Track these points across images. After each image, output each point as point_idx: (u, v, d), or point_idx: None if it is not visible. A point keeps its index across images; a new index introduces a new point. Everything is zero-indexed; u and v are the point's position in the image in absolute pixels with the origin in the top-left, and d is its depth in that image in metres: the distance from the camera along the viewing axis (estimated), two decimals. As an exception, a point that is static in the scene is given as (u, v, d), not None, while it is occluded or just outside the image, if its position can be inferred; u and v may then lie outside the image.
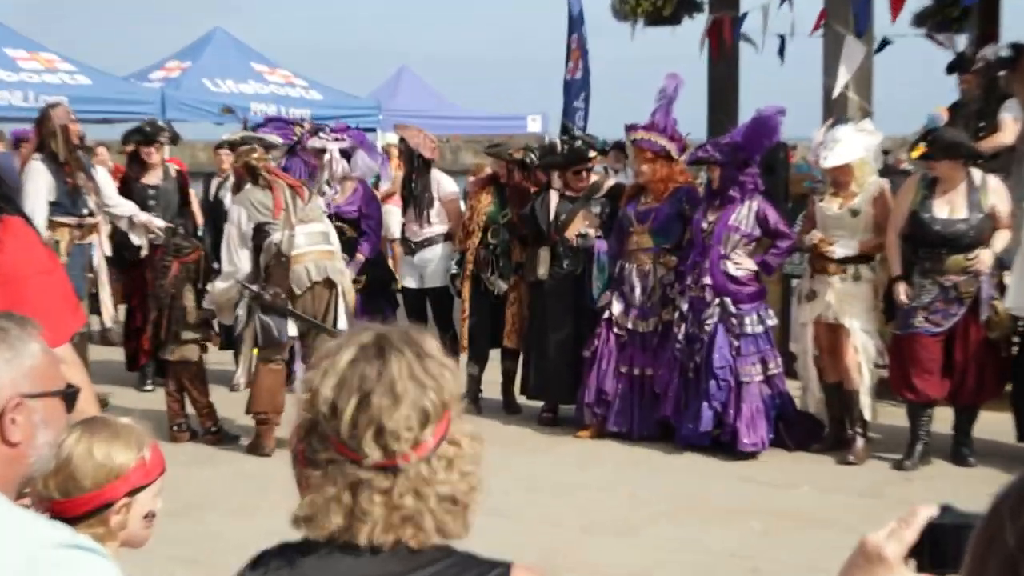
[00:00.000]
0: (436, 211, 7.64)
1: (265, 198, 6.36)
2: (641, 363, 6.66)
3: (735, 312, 6.24)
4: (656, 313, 6.63)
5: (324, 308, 6.41)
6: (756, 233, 6.34)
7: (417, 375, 1.40)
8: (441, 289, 7.67)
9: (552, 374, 7.05)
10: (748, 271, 6.32)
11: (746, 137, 6.24)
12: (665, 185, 6.68)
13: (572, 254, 6.99)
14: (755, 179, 6.33)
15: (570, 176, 7.09)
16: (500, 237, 7.35)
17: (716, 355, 6.21)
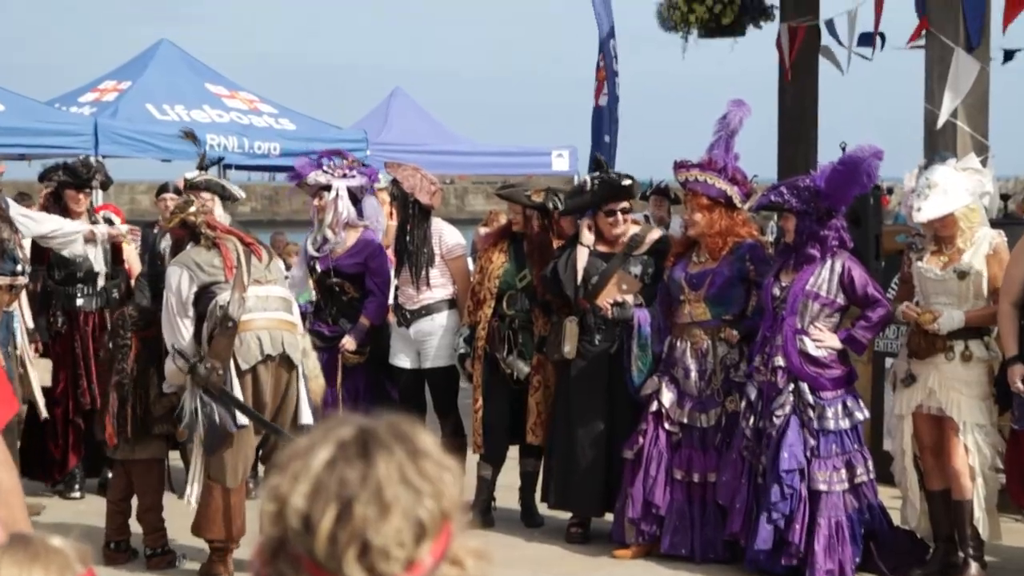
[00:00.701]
0: (437, 271, 7.71)
1: (212, 257, 6.46)
2: (701, 467, 6.70)
3: (813, 402, 6.28)
4: (718, 403, 6.69)
5: (280, 396, 6.44)
6: (840, 301, 6.37)
7: (410, 478, 1.42)
8: (444, 370, 7.72)
9: (581, 479, 7.10)
10: (831, 349, 6.36)
11: (831, 183, 6.27)
12: (723, 240, 6.75)
13: (606, 327, 7.05)
14: (840, 233, 6.35)
15: (602, 220, 7.14)
16: (518, 306, 7.44)
17: (784, 454, 6.22)
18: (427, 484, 1.43)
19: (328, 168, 7.85)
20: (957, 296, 6.34)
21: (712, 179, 6.73)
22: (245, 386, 6.34)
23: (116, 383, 6.70)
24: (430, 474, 1.44)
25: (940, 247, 6.39)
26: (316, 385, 6.60)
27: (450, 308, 7.73)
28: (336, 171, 7.84)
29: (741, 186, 6.79)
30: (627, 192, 7.18)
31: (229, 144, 12.54)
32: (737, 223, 6.78)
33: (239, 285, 6.33)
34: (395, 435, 1.46)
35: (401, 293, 7.83)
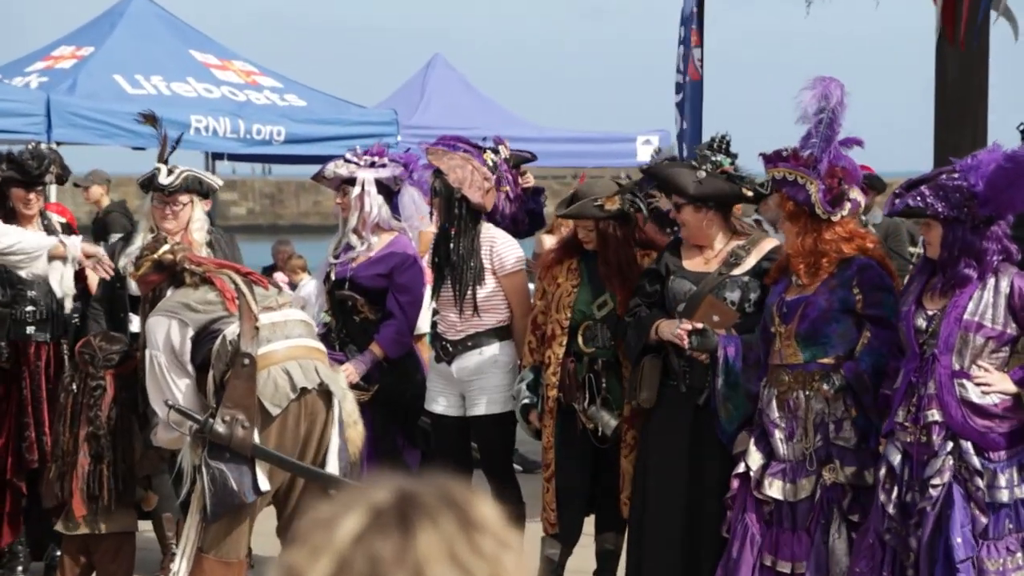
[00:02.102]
0: (489, 292, 7.74)
1: (204, 293, 6.52)
2: (788, 554, 6.62)
3: (980, 466, 6.21)
4: (810, 472, 6.59)
5: (320, 436, 6.50)
6: (1012, 331, 6.29)
7: (461, 558, 1.45)
8: (496, 419, 7.76)
9: (655, 562, 7.11)
10: (1003, 395, 6.31)
11: (993, 184, 6.17)
12: (816, 259, 6.63)
13: (693, 370, 7.00)
14: (1004, 244, 6.29)
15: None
16: (599, 341, 7.43)
17: (957, 539, 6.12)
18: (483, 565, 1.47)
19: (352, 156, 7.92)
20: None
21: (801, 178, 6.64)
22: (269, 436, 6.39)
23: (88, 435, 6.75)
24: (487, 552, 1.47)
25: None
26: (355, 434, 6.62)
27: (503, 339, 7.78)
28: (362, 159, 7.90)
29: (839, 186, 6.58)
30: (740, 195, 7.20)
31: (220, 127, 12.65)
32: (835, 236, 6.61)
33: (247, 314, 6.39)
34: (444, 501, 1.50)
35: (441, 320, 7.88)
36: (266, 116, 13.00)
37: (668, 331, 6.95)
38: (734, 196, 7.16)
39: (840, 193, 6.59)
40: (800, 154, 6.60)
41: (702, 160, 7.18)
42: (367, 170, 7.89)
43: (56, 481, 6.82)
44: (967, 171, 6.22)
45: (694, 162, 7.24)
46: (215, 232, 8.13)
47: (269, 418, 6.40)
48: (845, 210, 6.60)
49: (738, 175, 7.13)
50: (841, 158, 6.64)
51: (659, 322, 7.00)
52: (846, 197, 6.60)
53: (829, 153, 6.58)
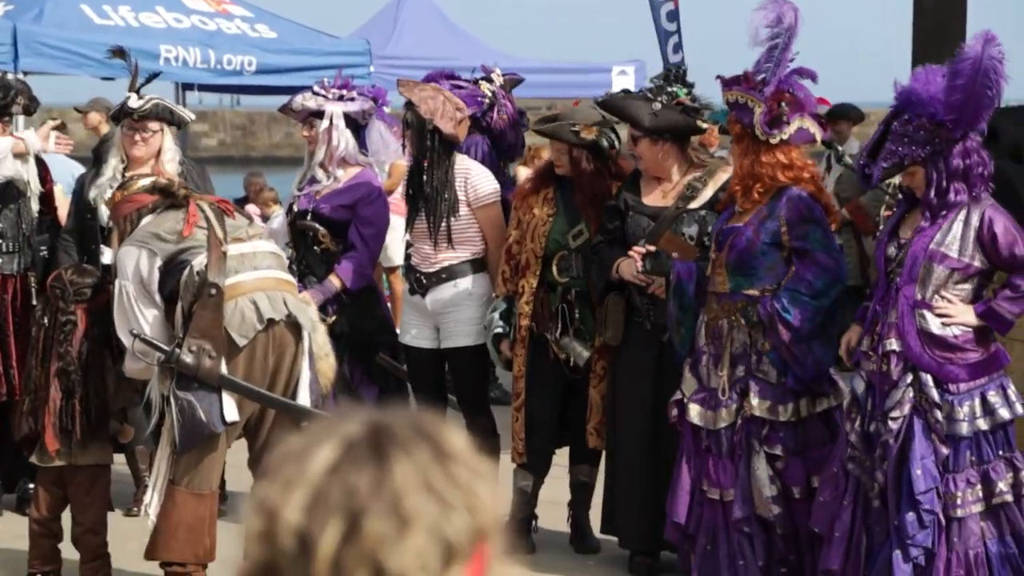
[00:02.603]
0: (463, 223, 7.75)
1: (174, 223, 6.51)
2: (717, 481, 6.71)
3: (939, 398, 6.22)
4: (734, 401, 6.64)
5: (272, 373, 6.51)
6: (978, 264, 6.28)
7: (436, 486, 1.45)
8: (471, 351, 7.79)
9: (625, 500, 7.15)
10: (964, 327, 6.29)
11: (955, 104, 6.16)
12: (752, 182, 6.61)
13: (656, 308, 7.07)
14: (981, 156, 6.25)
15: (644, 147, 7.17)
16: (573, 271, 7.49)
17: (917, 471, 6.14)
18: (458, 494, 1.47)
19: (320, 89, 7.88)
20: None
21: (751, 101, 6.57)
22: (236, 367, 6.41)
23: (59, 371, 6.72)
24: (461, 481, 1.48)
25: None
26: (326, 366, 6.65)
27: (477, 271, 7.81)
28: (330, 92, 7.86)
29: (770, 112, 6.53)
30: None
31: (190, 58, 12.59)
32: (773, 161, 6.58)
33: (215, 243, 6.38)
34: (417, 432, 1.50)
35: (415, 252, 7.89)
36: (237, 46, 12.93)
37: (628, 272, 6.98)
38: (689, 128, 7.16)
39: (778, 115, 6.57)
40: (753, 78, 6.59)
41: (658, 91, 7.18)
42: (336, 103, 7.88)
43: (28, 415, 6.81)
44: (912, 106, 6.18)
45: (649, 93, 7.22)
46: (186, 163, 8.09)
47: (236, 349, 6.42)
48: (785, 134, 6.58)
49: (694, 106, 7.11)
50: (792, 85, 6.62)
51: (619, 261, 7.01)
52: (784, 119, 6.57)
53: (778, 77, 6.56)
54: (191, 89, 15.68)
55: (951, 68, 6.17)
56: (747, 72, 6.63)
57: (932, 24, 10.23)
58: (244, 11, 13.69)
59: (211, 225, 6.47)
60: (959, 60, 6.15)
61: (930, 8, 10.28)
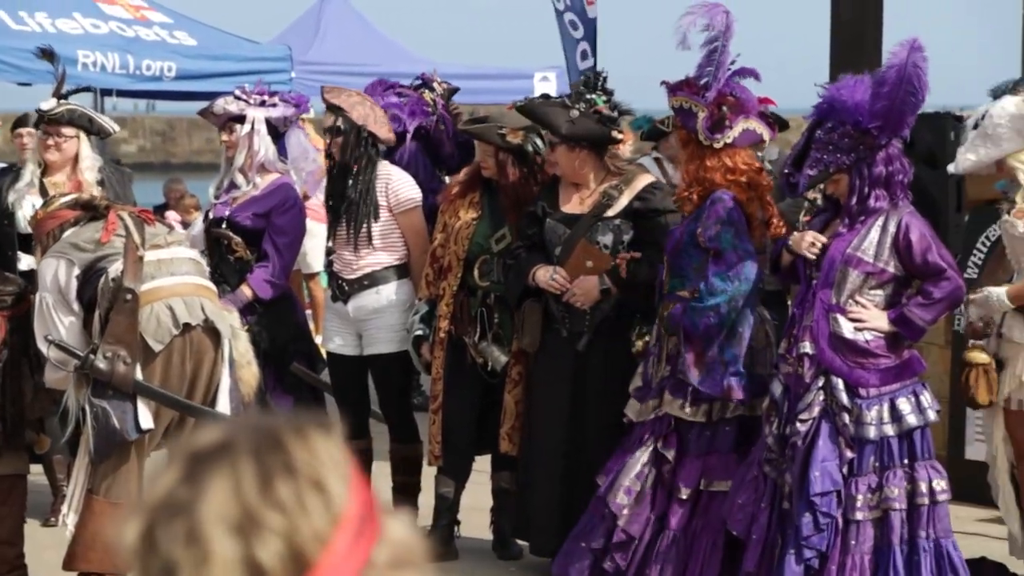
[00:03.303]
0: (384, 229, 7.74)
1: (94, 232, 6.48)
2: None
3: (848, 402, 6.28)
4: (658, 397, 6.75)
5: (209, 375, 6.48)
6: (892, 270, 6.36)
7: (250, 507, 1.43)
8: (393, 358, 7.79)
9: (547, 505, 7.20)
10: (876, 333, 6.35)
11: (879, 111, 6.25)
12: (696, 190, 6.72)
13: (572, 316, 7.13)
14: (901, 163, 6.34)
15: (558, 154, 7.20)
16: (494, 275, 7.51)
17: (815, 473, 6.23)
18: (275, 515, 1.43)
19: (241, 94, 7.86)
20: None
21: (695, 106, 6.65)
22: (153, 373, 6.35)
23: None
24: (282, 501, 1.43)
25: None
26: (248, 374, 6.62)
27: (400, 277, 7.80)
28: (251, 97, 7.84)
29: (711, 116, 6.62)
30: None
31: (109, 63, 12.49)
32: (717, 165, 6.67)
33: (132, 249, 6.35)
34: (266, 442, 1.46)
35: (337, 258, 7.89)
36: (156, 52, 12.87)
37: (543, 279, 7.03)
38: (605, 138, 7.18)
39: (720, 119, 6.63)
40: (696, 82, 6.64)
41: (576, 98, 7.20)
42: (257, 108, 7.86)
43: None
44: (835, 115, 6.26)
45: (568, 100, 7.26)
46: (107, 170, 8.04)
47: (152, 354, 6.39)
48: (729, 138, 6.64)
49: (611, 116, 7.14)
50: (734, 87, 6.68)
51: (535, 269, 7.05)
52: (726, 123, 6.63)
53: (719, 81, 6.61)
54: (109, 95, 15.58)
55: (876, 76, 6.26)
56: (690, 77, 6.69)
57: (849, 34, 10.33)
58: (163, 17, 13.62)
59: (129, 232, 6.44)
60: (884, 67, 6.24)
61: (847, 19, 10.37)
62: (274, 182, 7.87)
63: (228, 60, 13.15)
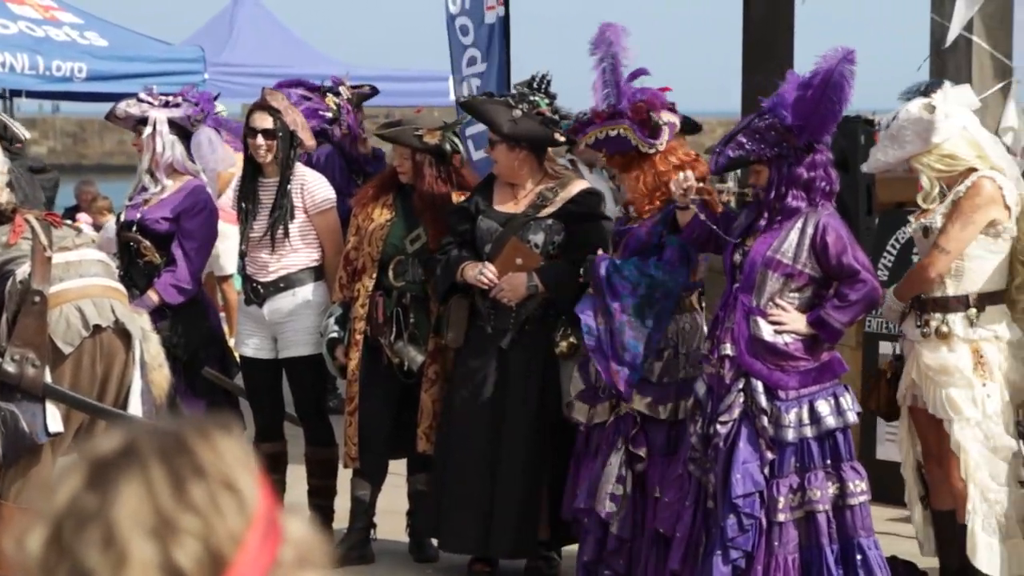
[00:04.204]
0: (299, 232, 7.73)
1: (0, 235, 6.43)
2: (586, 477, 6.85)
3: (767, 404, 6.34)
4: (611, 397, 6.80)
5: (120, 378, 6.44)
6: (809, 271, 6.39)
7: (164, 510, 1.42)
8: (308, 361, 7.77)
9: (466, 503, 7.23)
10: (795, 335, 6.39)
11: (799, 112, 6.33)
12: (656, 197, 6.81)
13: (496, 310, 7.15)
14: (828, 172, 6.43)
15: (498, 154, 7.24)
16: (409, 275, 7.52)
17: (736, 475, 6.28)
18: (190, 517, 1.42)
19: (145, 96, 7.82)
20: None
21: (612, 129, 6.73)
22: (62, 375, 6.30)
23: None
24: (196, 503, 1.43)
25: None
26: (160, 376, 6.57)
27: (316, 280, 7.78)
28: (155, 99, 7.81)
29: (643, 124, 6.70)
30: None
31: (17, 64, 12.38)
32: (669, 166, 6.75)
33: (39, 251, 6.30)
34: (168, 446, 1.45)
35: (251, 261, 7.86)
36: (67, 53, 12.79)
37: (471, 274, 7.05)
38: (547, 139, 7.22)
39: (654, 123, 6.70)
40: (600, 111, 6.71)
41: (520, 98, 7.22)
42: (159, 109, 7.82)
43: None
44: (775, 108, 6.37)
45: (511, 100, 7.28)
46: (15, 171, 7.97)
47: (62, 357, 6.32)
48: (665, 135, 6.71)
49: (553, 119, 7.18)
50: (637, 92, 6.75)
51: (464, 264, 7.07)
52: (659, 124, 6.71)
53: (624, 94, 6.68)
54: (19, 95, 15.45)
55: (804, 77, 6.35)
56: (594, 110, 6.75)
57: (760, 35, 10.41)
58: (73, 18, 13.52)
59: (35, 234, 6.39)
60: (812, 71, 6.33)
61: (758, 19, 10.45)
62: (184, 185, 7.82)
63: (140, 61, 13.09)
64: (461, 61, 10.11)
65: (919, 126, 6.48)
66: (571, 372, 7.01)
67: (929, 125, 6.47)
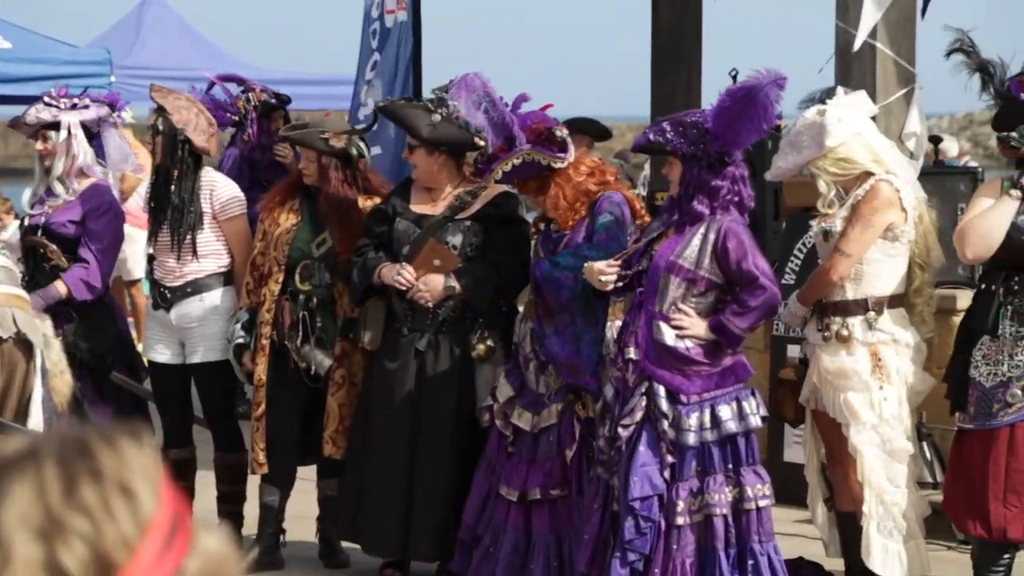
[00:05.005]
0: (208, 236, 7.72)
1: None
2: (521, 483, 6.89)
3: (668, 409, 6.39)
4: (560, 401, 6.85)
5: (21, 387, 6.38)
6: (708, 275, 6.43)
7: (53, 511, 1.41)
8: (216, 367, 7.77)
9: (373, 507, 7.23)
10: (697, 340, 6.44)
11: (719, 119, 6.41)
12: (578, 207, 6.90)
13: (413, 312, 7.17)
14: (738, 186, 6.49)
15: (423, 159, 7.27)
16: (316, 279, 7.52)
17: (635, 478, 6.33)
18: (80, 519, 1.42)
19: (52, 99, 7.76)
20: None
21: (517, 158, 6.81)
22: None
23: None
24: (87, 505, 1.42)
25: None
26: (62, 384, 6.50)
27: (225, 285, 7.78)
28: (62, 101, 7.75)
29: (547, 142, 6.82)
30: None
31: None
32: (583, 176, 6.88)
33: None
34: (69, 450, 1.45)
35: (159, 266, 7.84)
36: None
37: (389, 276, 7.06)
38: (465, 144, 7.25)
39: (559, 139, 6.78)
40: (499, 145, 6.79)
41: (439, 103, 7.25)
42: (70, 112, 7.76)
43: None
44: (707, 110, 6.48)
45: (430, 104, 7.30)
46: None
47: None
48: (572, 147, 6.81)
49: None
50: (526, 117, 6.84)
51: (381, 266, 7.08)
52: (564, 137, 6.82)
53: (513, 123, 6.76)
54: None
55: (731, 87, 6.44)
56: (496, 146, 6.84)
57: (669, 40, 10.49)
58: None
59: None
60: (739, 83, 6.43)
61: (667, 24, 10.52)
62: (88, 187, 7.77)
63: (45, 63, 12.95)
64: (366, 66, 10.12)
65: (814, 130, 6.57)
66: (487, 375, 7.05)
67: (822, 129, 6.55)
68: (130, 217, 8.67)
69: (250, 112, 8.35)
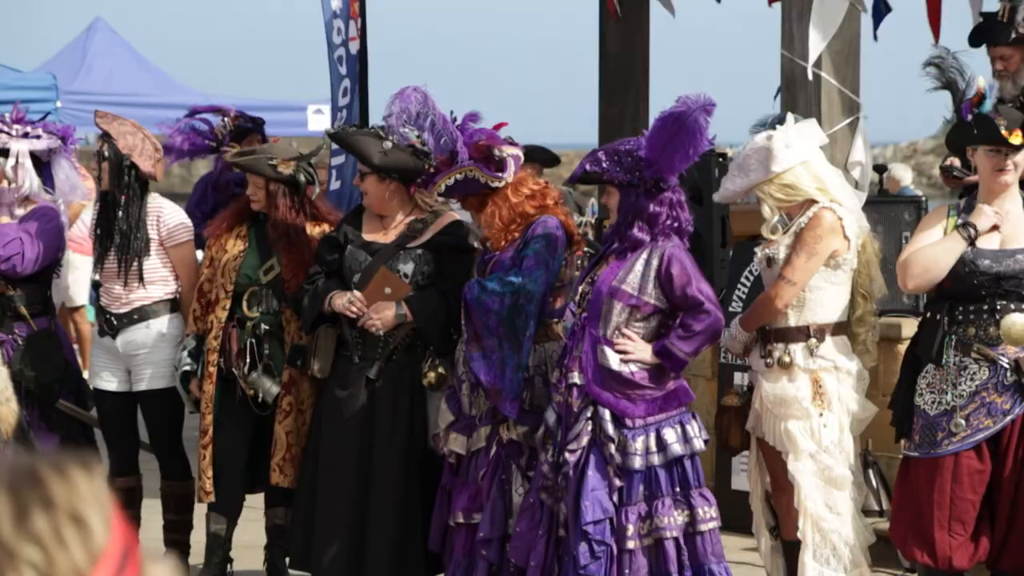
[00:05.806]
0: (155, 262, 7.70)
1: None
2: (461, 506, 6.87)
3: (614, 432, 6.42)
4: (488, 423, 6.85)
5: None
6: (653, 301, 6.48)
7: (4, 539, 1.43)
8: (163, 394, 7.74)
9: (324, 535, 7.22)
10: (641, 364, 6.48)
11: (652, 145, 6.46)
12: (513, 229, 6.89)
13: (364, 340, 7.17)
14: (676, 212, 6.53)
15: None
16: (264, 306, 7.51)
17: (586, 502, 6.35)
18: (30, 548, 1.42)
19: (3, 126, 7.72)
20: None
21: (460, 172, 6.82)
22: None
23: None
24: (39, 534, 1.43)
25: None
26: (7, 411, 6.47)
27: (172, 312, 7.77)
28: (14, 129, 7.71)
29: (488, 160, 6.81)
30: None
31: None
32: (520, 198, 6.87)
33: None
34: (20, 479, 1.45)
35: (105, 292, 7.81)
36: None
37: (340, 303, 7.05)
38: (417, 171, 7.24)
39: (498, 158, 6.78)
40: (442, 158, 6.80)
41: (390, 130, 7.25)
42: (21, 140, 7.71)
43: None
44: (642, 138, 6.51)
45: (381, 131, 7.31)
46: None
47: None
48: (512, 167, 6.79)
49: (424, 150, 7.22)
50: (475, 133, 6.85)
51: (332, 293, 7.07)
52: (503, 157, 6.79)
53: (459, 138, 6.77)
54: None
55: (663, 113, 6.46)
56: (439, 158, 6.85)
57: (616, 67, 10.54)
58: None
59: None
60: (669, 109, 6.44)
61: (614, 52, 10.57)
62: (33, 209, 7.71)
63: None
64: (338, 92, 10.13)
65: (761, 155, 6.61)
66: (438, 403, 7.04)
67: (769, 154, 6.60)
68: (73, 244, 8.62)
69: (225, 137, 8.36)
